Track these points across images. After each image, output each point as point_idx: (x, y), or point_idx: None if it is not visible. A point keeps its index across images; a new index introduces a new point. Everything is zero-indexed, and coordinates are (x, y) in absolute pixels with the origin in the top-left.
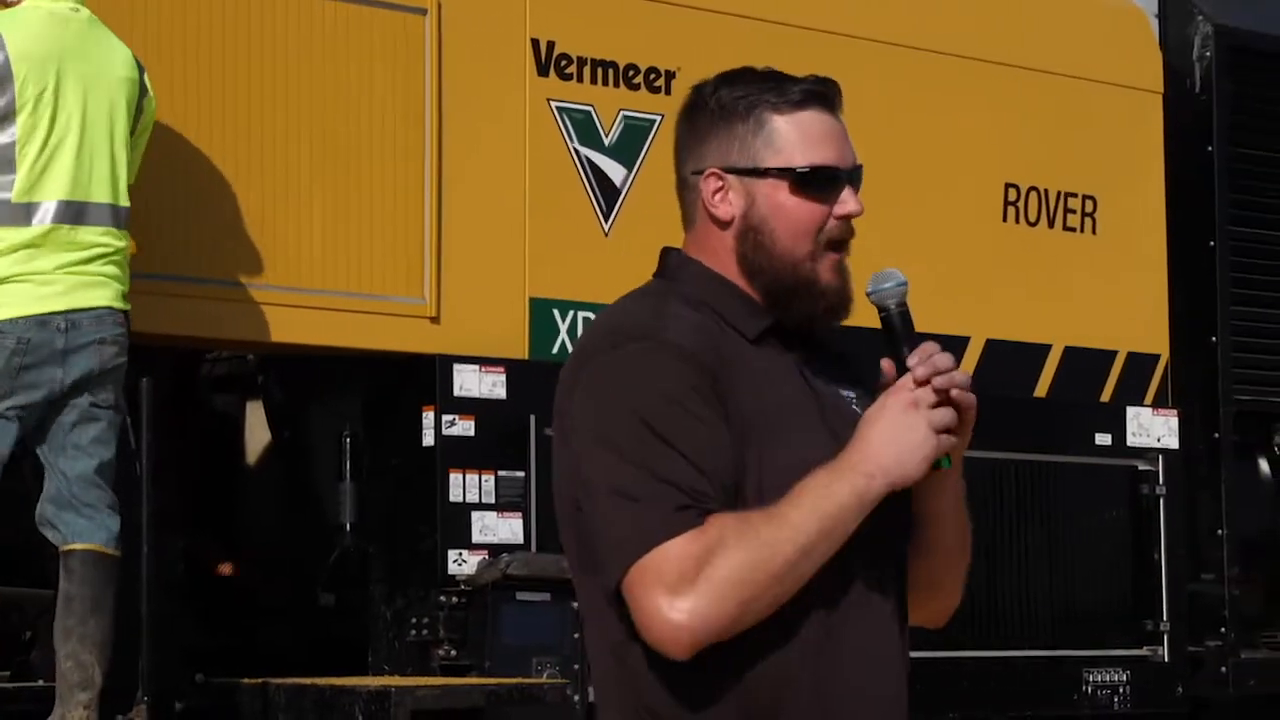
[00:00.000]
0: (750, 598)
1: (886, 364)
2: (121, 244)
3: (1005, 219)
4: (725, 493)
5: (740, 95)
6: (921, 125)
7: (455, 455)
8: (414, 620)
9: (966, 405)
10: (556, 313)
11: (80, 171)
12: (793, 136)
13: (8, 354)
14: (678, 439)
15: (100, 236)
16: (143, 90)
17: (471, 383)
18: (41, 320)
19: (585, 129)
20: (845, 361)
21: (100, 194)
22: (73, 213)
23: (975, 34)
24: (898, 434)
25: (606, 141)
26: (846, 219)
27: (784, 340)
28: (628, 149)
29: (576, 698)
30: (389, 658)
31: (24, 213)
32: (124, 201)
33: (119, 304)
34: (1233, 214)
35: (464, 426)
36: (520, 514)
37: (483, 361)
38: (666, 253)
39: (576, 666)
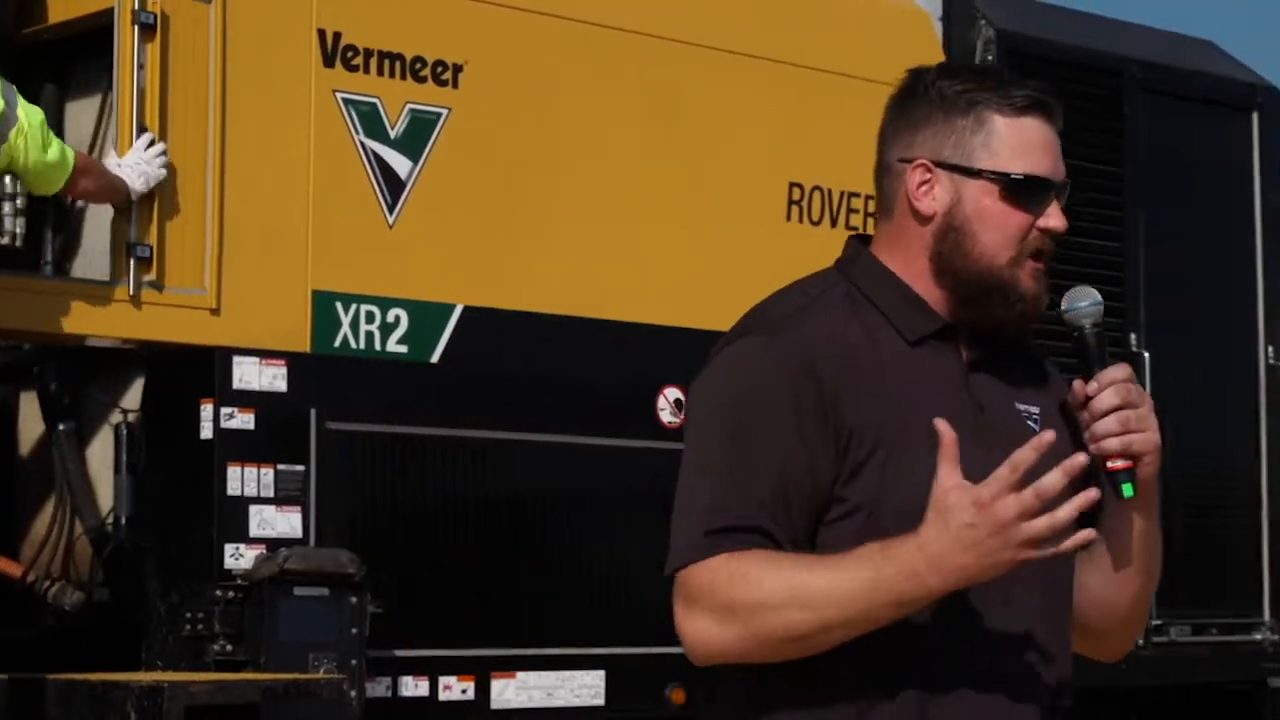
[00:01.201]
0: (759, 643)
1: (1078, 385)
2: None
3: (789, 218)
4: (790, 512)
5: (963, 89)
6: (704, 123)
7: (234, 448)
8: (189, 615)
9: (1144, 447)
10: (340, 305)
11: None
12: (1012, 141)
13: None
14: (750, 455)
15: None
16: None
17: (251, 375)
18: None
19: (371, 121)
20: (1037, 371)
21: None
22: None
23: (758, 32)
24: (977, 552)
25: (392, 134)
26: (1048, 233)
27: (965, 343)
28: (414, 142)
29: (353, 694)
30: (163, 653)
31: None
32: None
33: None
34: None
35: (243, 419)
36: (299, 508)
37: (263, 354)
38: (849, 241)
39: (354, 662)
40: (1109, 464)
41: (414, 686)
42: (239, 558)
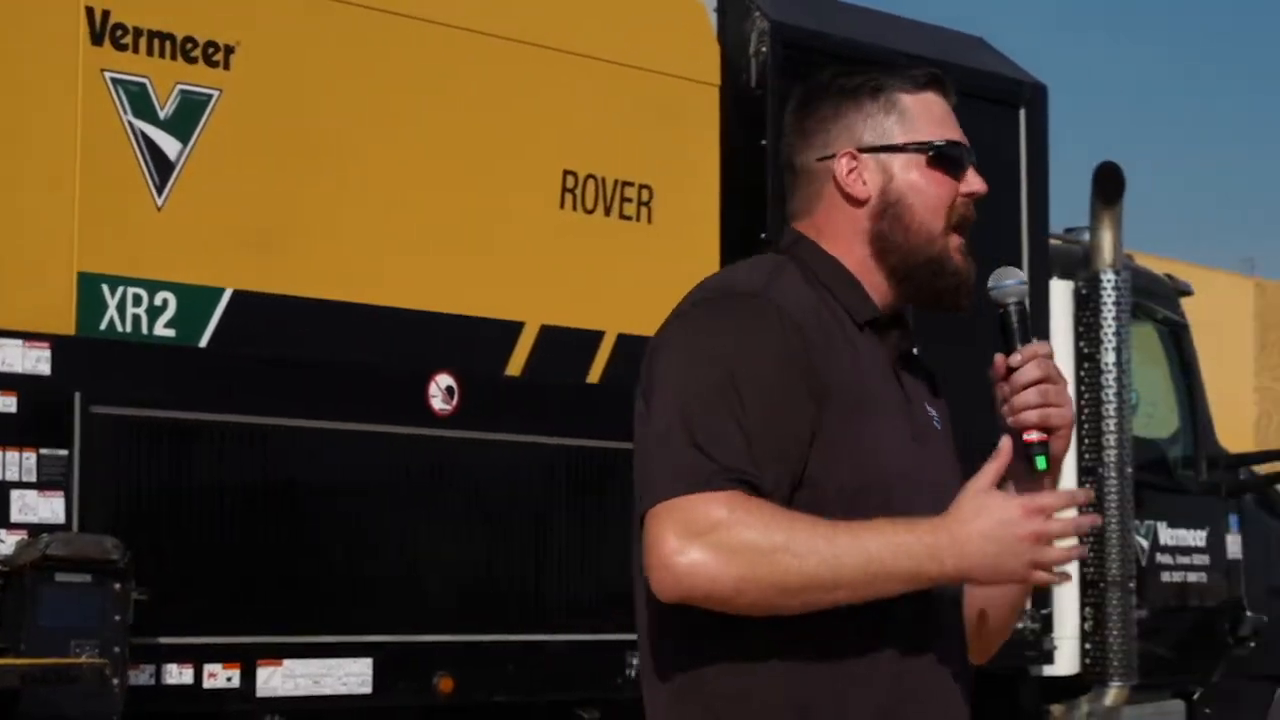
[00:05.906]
0: (751, 585)
1: (999, 359)
2: None
3: (562, 206)
4: (775, 466)
5: (864, 79)
6: (478, 109)
7: None
8: None
9: (1060, 421)
10: (106, 288)
11: None
12: (924, 114)
13: None
14: (749, 402)
15: None
16: None
17: (14, 358)
18: None
19: (140, 101)
20: (932, 380)
21: None
22: None
23: (534, 19)
24: (999, 549)
25: (161, 115)
26: (972, 197)
27: (882, 338)
28: (183, 123)
29: (115, 680)
30: None
31: None
32: None
33: None
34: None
35: (4, 402)
36: (62, 493)
37: (26, 336)
38: (787, 229)
39: (117, 649)
40: (1025, 436)
41: (178, 674)
42: (0, 543)
